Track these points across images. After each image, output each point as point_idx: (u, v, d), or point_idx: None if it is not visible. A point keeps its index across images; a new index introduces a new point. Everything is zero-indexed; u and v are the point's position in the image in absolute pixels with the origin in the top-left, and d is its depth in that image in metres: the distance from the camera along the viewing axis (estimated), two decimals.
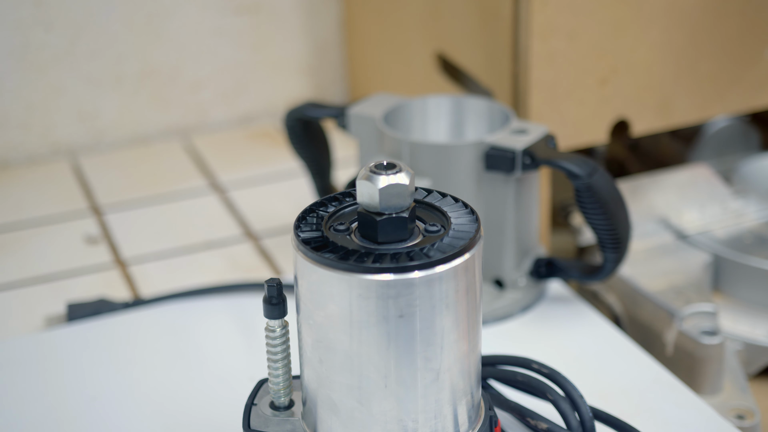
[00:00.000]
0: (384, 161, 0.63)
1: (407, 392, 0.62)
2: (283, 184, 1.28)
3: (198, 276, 1.05)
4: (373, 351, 0.61)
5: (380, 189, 0.61)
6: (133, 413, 0.84)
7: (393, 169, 0.62)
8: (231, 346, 0.93)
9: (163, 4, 1.38)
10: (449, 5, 1.18)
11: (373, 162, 0.63)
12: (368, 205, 0.62)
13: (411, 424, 0.63)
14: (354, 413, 0.63)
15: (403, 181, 0.62)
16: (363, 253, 0.61)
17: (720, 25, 1.13)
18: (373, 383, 0.62)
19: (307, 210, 0.66)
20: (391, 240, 0.62)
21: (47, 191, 1.28)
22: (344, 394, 0.63)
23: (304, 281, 0.62)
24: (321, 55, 1.48)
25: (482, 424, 0.67)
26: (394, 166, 0.62)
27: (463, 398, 0.65)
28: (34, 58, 1.34)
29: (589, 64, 1.08)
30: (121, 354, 0.93)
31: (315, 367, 0.64)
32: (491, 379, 0.79)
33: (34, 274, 1.08)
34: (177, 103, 1.43)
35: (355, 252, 0.61)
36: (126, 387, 0.88)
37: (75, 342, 0.94)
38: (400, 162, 0.63)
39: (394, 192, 0.62)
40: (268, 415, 0.69)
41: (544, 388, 0.75)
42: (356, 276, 0.60)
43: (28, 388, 0.88)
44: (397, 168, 0.62)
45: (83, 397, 0.86)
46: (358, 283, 0.60)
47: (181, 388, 0.87)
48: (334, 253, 0.61)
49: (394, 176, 0.61)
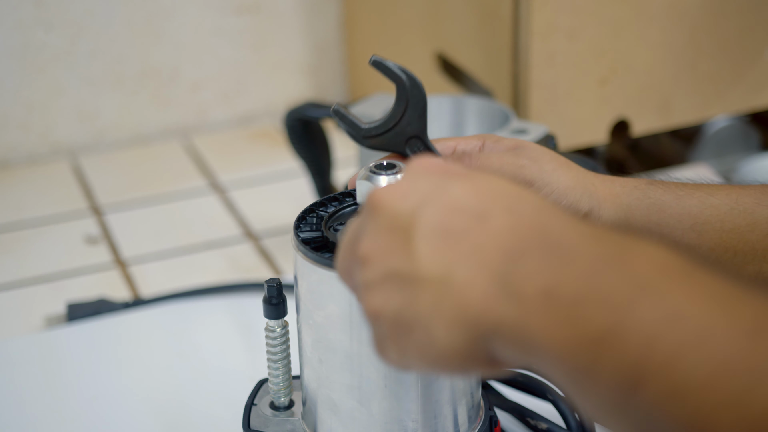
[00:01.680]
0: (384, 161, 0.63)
1: (407, 392, 0.62)
2: (283, 184, 1.28)
3: (198, 276, 1.05)
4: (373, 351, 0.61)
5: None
6: (133, 413, 0.84)
7: (393, 169, 0.62)
8: (231, 346, 0.93)
9: (163, 5, 1.38)
10: (449, 5, 1.18)
11: (373, 162, 0.63)
12: None
13: (411, 424, 0.63)
14: (354, 413, 0.63)
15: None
16: None
17: (720, 25, 1.13)
18: (373, 383, 0.62)
19: (306, 210, 0.66)
20: None
21: (47, 191, 1.28)
22: (344, 394, 0.63)
23: (304, 281, 0.62)
24: (321, 55, 1.49)
25: (482, 424, 0.67)
26: (394, 166, 0.62)
27: (463, 398, 0.65)
28: (34, 58, 1.34)
29: (589, 64, 1.08)
30: (121, 354, 0.93)
31: (315, 367, 0.64)
32: (491, 379, 0.79)
33: (34, 274, 1.08)
34: (177, 103, 1.43)
35: None
36: (126, 387, 0.88)
37: (75, 342, 0.94)
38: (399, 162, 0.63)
39: None
40: (268, 415, 0.69)
41: (544, 388, 0.75)
42: None
43: (28, 388, 0.88)
44: (397, 168, 0.62)
45: (83, 397, 0.86)
46: None
47: (181, 388, 0.87)
48: (334, 253, 0.61)
49: (394, 176, 0.61)
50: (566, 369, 0.42)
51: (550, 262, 0.43)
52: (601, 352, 0.40)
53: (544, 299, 0.42)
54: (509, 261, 0.44)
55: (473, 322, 0.44)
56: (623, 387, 0.39)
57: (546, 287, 0.42)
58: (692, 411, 0.37)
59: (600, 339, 0.40)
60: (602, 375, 0.40)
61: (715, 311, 0.39)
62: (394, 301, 0.47)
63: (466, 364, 0.46)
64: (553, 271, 0.43)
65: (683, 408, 0.37)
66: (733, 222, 0.65)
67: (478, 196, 0.47)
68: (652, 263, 0.41)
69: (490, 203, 0.46)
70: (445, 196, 0.47)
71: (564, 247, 0.44)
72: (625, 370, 0.39)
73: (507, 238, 0.45)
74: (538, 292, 0.42)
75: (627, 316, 0.40)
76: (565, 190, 0.64)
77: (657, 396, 0.38)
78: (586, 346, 0.41)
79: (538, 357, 0.43)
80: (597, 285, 0.41)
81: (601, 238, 0.44)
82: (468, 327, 0.44)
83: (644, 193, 0.66)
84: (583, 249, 0.43)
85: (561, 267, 0.43)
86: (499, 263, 0.44)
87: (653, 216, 0.65)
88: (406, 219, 0.47)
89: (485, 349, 0.45)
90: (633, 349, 0.39)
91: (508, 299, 0.43)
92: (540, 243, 0.44)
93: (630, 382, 0.39)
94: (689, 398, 0.37)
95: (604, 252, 0.43)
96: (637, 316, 0.40)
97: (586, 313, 0.41)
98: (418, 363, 0.47)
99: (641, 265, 0.41)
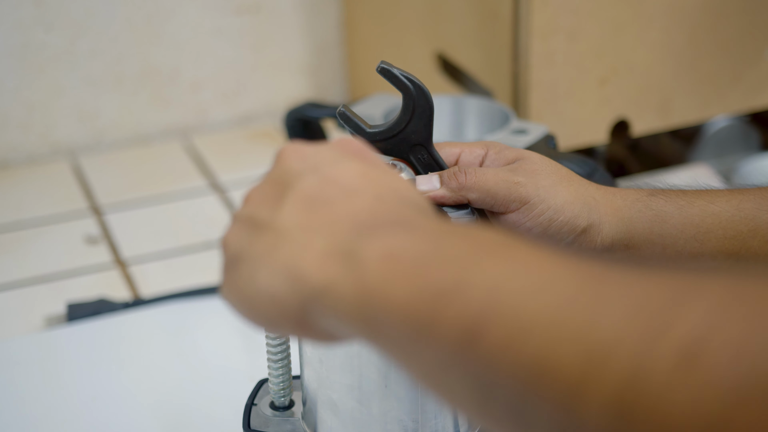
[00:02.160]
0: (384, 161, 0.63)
1: (408, 392, 0.62)
2: None
3: (198, 276, 1.05)
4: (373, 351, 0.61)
5: None
6: (133, 413, 0.84)
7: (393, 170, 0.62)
8: (231, 346, 0.93)
9: (163, 5, 1.38)
10: (449, 5, 1.18)
11: None
12: None
13: (411, 424, 0.63)
14: (354, 413, 0.63)
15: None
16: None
17: (720, 25, 1.13)
18: (373, 383, 0.62)
19: None
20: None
21: (47, 191, 1.28)
22: (344, 394, 0.63)
23: None
24: (321, 55, 1.49)
25: None
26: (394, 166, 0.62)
27: None
28: (34, 58, 1.34)
29: (589, 64, 1.08)
30: (121, 354, 0.93)
31: (315, 367, 0.64)
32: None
33: (34, 274, 1.08)
34: (177, 103, 1.43)
35: None
36: (126, 387, 0.88)
37: (75, 342, 0.94)
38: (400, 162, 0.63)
39: None
40: (268, 416, 0.69)
41: None
42: None
43: (28, 388, 0.88)
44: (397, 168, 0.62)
45: (83, 397, 0.86)
46: None
47: (181, 388, 0.87)
48: None
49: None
50: (401, 329, 0.42)
51: (395, 231, 0.45)
52: (443, 305, 0.41)
53: (386, 261, 0.43)
54: (357, 233, 0.45)
55: (298, 278, 0.46)
56: (462, 339, 0.40)
57: (389, 250, 0.44)
58: (534, 349, 0.38)
59: (442, 293, 0.41)
60: (441, 329, 0.41)
61: (558, 265, 0.40)
62: (241, 239, 0.49)
63: (277, 317, 0.47)
64: (396, 238, 0.44)
65: (526, 348, 0.38)
66: (735, 229, 0.65)
67: (359, 177, 0.49)
68: (496, 237, 0.43)
69: (365, 186, 0.48)
70: (332, 168, 0.49)
71: (410, 223, 0.45)
72: (465, 320, 0.40)
73: (364, 216, 0.46)
74: (380, 255, 0.44)
75: (469, 272, 0.41)
76: (562, 206, 0.64)
77: (498, 340, 0.39)
78: (427, 302, 0.41)
79: (372, 322, 0.43)
80: (440, 247, 0.43)
81: (452, 225, 0.46)
82: (291, 280, 0.46)
83: (646, 205, 0.66)
84: (429, 225, 0.45)
85: (404, 234, 0.44)
86: (347, 234, 0.46)
87: (656, 228, 0.65)
88: (290, 177, 0.49)
89: (301, 310, 0.46)
90: (475, 300, 0.40)
91: (344, 263, 0.44)
92: (391, 222, 0.46)
93: (470, 333, 0.40)
94: (532, 338, 0.38)
95: (449, 228, 0.45)
96: (480, 271, 0.41)
97: (428, 271, 0.42)
98: (235, 298, 0.49)
99: (486, 237, 0.43)
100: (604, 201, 0.66)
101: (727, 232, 0.66)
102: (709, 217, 0.66)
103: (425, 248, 0.43)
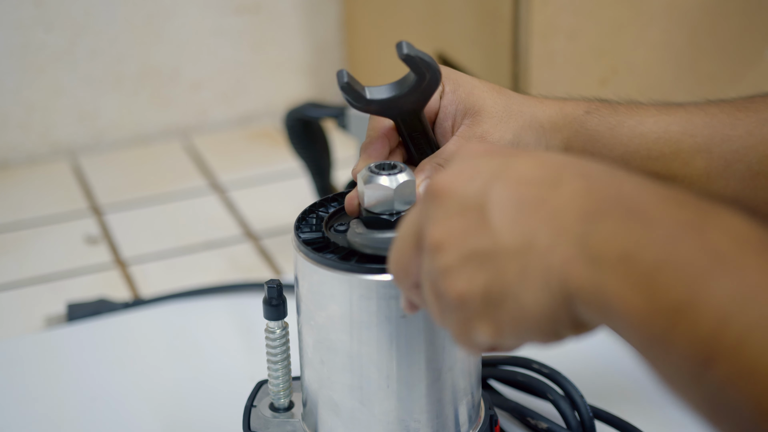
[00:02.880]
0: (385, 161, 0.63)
1: (409, 392, 0.62)
2: (283, 184, 1.27)
3: (198, 276, 1.05)
4: (374, 351, 0.61)
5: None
6: (133, 413, 0.84)
7: (394, 170, 0.62)
8: (231, 346, 0.93)
9: (163, 5, 1.38)
10: (449, 5, 1.18)
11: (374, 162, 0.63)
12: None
13: (413, 424, 0.63)
14: (355, 414, 0.63)
15: (404, 180, 0.62)
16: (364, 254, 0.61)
17: (720, 25, 1.13)
18: (374, 384, 0.62)
19: (307, 210, 0.66)
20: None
21: (47, 191, 1.28)
22: (346, 394, 0.63)
23: (305, 282, 0.62)
24: (321, 55, 1.48)
25: (482, 424, 0.67)
26: (395, 166, 0.62)
27: (464, 398, 0.65)
28: (34, 58, 1.34)
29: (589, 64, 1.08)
30: (121, 354, 0.93)
31: (316, 368, 0.64)
32: (491, 379, 0.79)
33: (34, 274, 1.08)
34: (177, 103, 1.43)
35: (356, 253, 0.61)
36: (126, 387, 0.87)
37: (75, 342, 0.94)
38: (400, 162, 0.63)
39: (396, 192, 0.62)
40: (267, 417, 0.69)
41: (544, 388, 0.75)
42: (358, 276, 0.60)
43: (28, 388, 0.88)
44: (398, 168, 0.62)
45: (83, 397, 0.86)
46: (360, 283, 0.60)
47: (181, 388, 0.87)
48: (335, 253, 0.61)
49: (395, 176, 0.61)
50: (641, 336, 0.42)
51: (628, 225, 0.43)
52: (675, 323, 0.40)
53: (622, 264, 0.42)
54: (587, 222, 0.44)
55: (558, 286, 0.45)
56: (696, 361, 0.40)
57: (624, 251, 0.43)
58: (760, 393, 0.38)
59: (674, 310, 0.41)
60: (676, 346, 0.41)
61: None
62: (479, 279, 0.47)
63: (557, 329, 0.46)
64: (631, 235, 0.43)
65: (753, 389, 0.38)
66: (659, 150, 0.68)
67: (544, 167, 0.47)
68: (729, 234, 0.42)
69: (560, 170, 0.47)
70: (511, 171, 0.48)
71: (641, 210, 0.44)
72: (698, 344, 0.40)
73: (584, 200, 0.45)
74: (617, 255, 0.43)
75: (702, 290, 0.40)
76: (517, 146, 0.67)
77: (728, 375, 0.39)
78: (661, 316, 0.41)
79: (615, 322, 0.43)
80: (674, 253, 0.42)
81: (678, 202, 0.44)
82: (554, 291, 0.45)
83: (581, 125, 0.69)
84: (661, 214, 0.43)
85: (639, 231, 0.43)
86: (578, 225, 0.44)
87: (588, 147, 0.68)
88: (476, 199, 0.47)
89: (572, 312, 0.45)
90: (706, 325, 0.39)
91: (587, 262, 0.44)
92: (617, 205, 0.44)
93: (703, 357, 0.39)
94: (759, 381, 0.38)
95: (681, 218, 0.43)
96: (711, 291, 0.40)
97: (662, 283, 0.41)
98: (513, 335, 0.48)
99: (719, 235, 0.42)
100: (549, 125, 0.69)
101: (651, 153, 0.68)
102: (637, 138, 0.68)
103: (659, 253, 0.42)
